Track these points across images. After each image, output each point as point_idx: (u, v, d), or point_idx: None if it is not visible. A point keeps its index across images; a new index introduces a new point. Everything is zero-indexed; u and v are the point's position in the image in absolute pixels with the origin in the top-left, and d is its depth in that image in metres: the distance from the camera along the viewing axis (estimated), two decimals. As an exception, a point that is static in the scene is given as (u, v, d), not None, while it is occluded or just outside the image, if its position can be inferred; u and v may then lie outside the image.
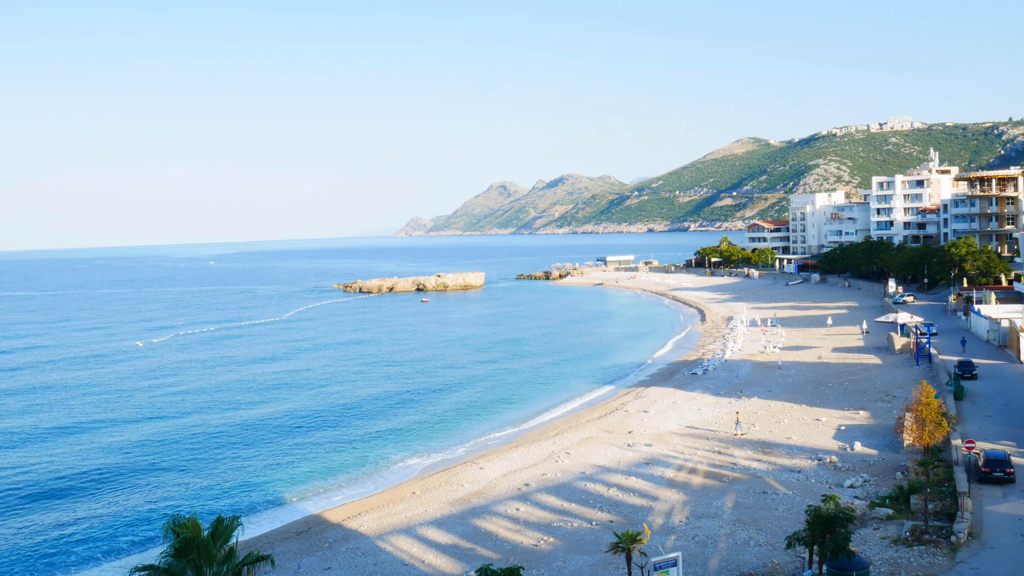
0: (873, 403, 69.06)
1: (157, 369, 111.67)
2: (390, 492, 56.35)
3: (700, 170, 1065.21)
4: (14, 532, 51.74)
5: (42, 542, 50.07)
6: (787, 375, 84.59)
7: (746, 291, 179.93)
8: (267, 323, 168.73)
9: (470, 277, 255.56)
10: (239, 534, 28.31)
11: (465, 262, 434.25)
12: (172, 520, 27.37)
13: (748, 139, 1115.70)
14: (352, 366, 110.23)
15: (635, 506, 48.03)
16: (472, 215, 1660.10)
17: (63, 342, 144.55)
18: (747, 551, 39.77)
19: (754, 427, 64.19)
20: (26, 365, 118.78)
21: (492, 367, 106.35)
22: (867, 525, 41.35)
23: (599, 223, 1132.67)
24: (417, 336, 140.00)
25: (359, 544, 45.32)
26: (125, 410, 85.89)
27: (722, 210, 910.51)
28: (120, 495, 58.27)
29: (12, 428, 79.08)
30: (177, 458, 67.08)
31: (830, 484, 49.17)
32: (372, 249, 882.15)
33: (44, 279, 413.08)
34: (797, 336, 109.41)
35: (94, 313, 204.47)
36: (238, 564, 27.09)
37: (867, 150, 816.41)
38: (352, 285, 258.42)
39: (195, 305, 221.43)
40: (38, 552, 48.66)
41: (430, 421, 78.23)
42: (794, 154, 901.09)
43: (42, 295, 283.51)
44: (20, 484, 61.17)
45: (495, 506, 49.90)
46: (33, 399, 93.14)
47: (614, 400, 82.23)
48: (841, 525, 31.97)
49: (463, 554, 42.57)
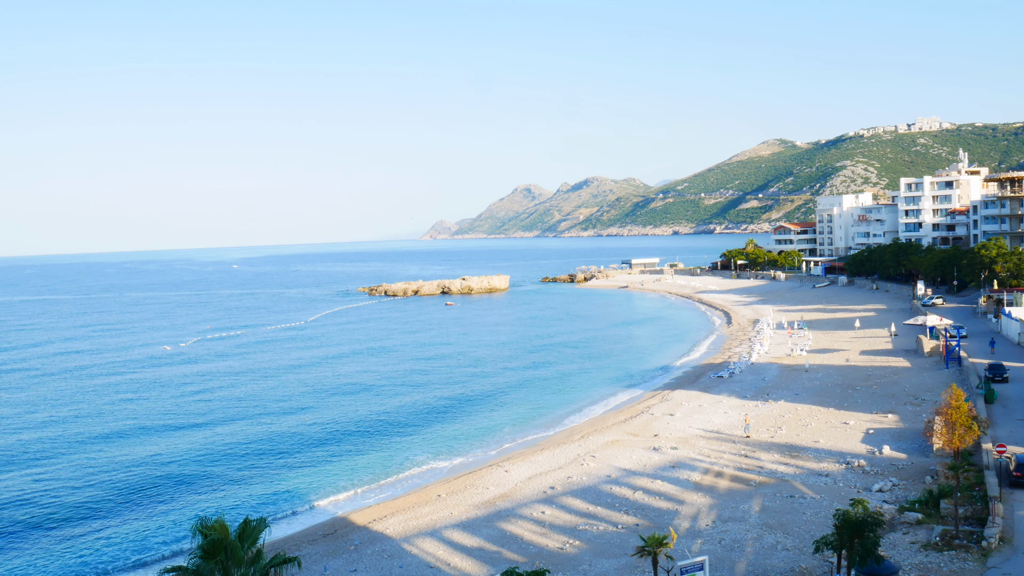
0: (902, 406, 68.36)
1: (184, 372, 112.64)
2: (415, 495, 56.47)
3: (726, 172, 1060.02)
4: (46, 534, 52.36)
5: (72, 543, 50.67)
6: (814, 378, 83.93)
7: (772, 294, 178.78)
8: (293, 326, 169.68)
9: (495, 280, 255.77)
10: (266, 536, 28.46)
11: (490, 265, 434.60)
12: (200, 522, 27.53)
13: (774, 140, 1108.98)
14: (376, 369, 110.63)
15: (661, 510, 47.84)
16: (497, 218, 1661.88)
17: (91, 346, 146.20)
18: (774, 555, 39.49)
19: (781, 430, 63.76)
20: (55, 369, 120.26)
21: (517, 370, 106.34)
22: (896, 530, 40.93)
23: (624, 226, 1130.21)
24: (442, 339, 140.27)
25: (385, 546, 45.47)
26: (152, 413, 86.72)
27: (748, 212, 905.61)
28: (147, 497, 58.82)
29: (42, 431, 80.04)
30: (204, 460, 67.61)
31: (858, 488, 48.72)
32: (397, 252, 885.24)
33: (73, 283, 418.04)
34: (824, 339, 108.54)
35: (121, 317, 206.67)
36: (265, 566, 27.24)
37: (895, 151, 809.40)
38: (377, 288, 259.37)
39: (222, 308, 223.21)
40: (69, 553, 49.22)
41: (455, 424, 78.35)
42: (821, 155, 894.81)
43: (71, 299, 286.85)
44: (50, 486, 61.91)
45: (520, 509, 49.89)
46: (60, 402, 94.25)
47: (639, 403, 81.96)
48: (870, 529, 31.67)
49: (489, 557, 42.59)
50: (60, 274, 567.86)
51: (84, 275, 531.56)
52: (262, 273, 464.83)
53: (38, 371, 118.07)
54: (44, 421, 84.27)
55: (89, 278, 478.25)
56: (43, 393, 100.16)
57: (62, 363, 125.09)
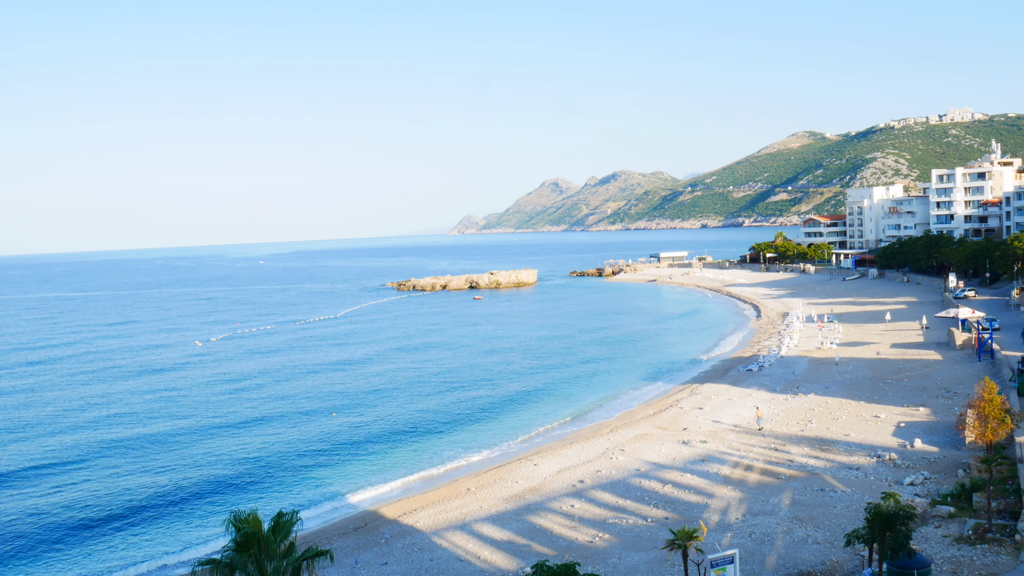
0: (934, 400, 67.75)
1: (215, 368, 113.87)
2: (445, 488, 56.80)
3: (754, 165, 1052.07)
4: (82, 526, 53.27)
5: (108, 538, 51.53)
6: (844, 371, 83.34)
7: (802, 287, 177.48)
8: (322, 321, 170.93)
9: (523, 274, 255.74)
10: (298, 529, 28.80)
11: (518, 259, 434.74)
12: (233, 515, 27.92)
13: (803, 133, 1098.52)
14: (405, 364, 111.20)
15: (690, 503, 47.82)
16: (524, 212, 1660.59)
17: (124, 342, 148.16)
18: (805, 549, 39.38)
19: (811, 424, 63.44)
20: (88, 365, 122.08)
21: (545, 364, 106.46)
22: (928, 523, 40.65)
23: (652, 219, 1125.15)
24: (471, 334, 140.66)
25: (415, 540, 45.82)
26: (183, 409, 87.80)
27: (777, 205, 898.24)
28: (180, 490, 59.62)
29: (75, 427, 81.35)
30: (235, 454, 68.38)
31: (889, 482, 48.40)
32: (424, 247, 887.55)
33: (104, 280, 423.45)
34: (854, 332, 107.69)
35: (153, 313, 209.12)
36: (298, 559, 27.60)
37: (926, 142, 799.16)
38: (406, 283, 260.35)
39: (252, 304, 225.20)
40: (105, 547, 50.08)
41: (484, 418, 78.66)
42: (851, 147, 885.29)
43: (102, 295, 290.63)
44: (84, 482, 62.94)
45: (550, 503, 50.06)
46: (93, 398, 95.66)
47: (668, 397, 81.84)
48: (902, 523, 31.48)
49: (518, 550, 42.81)
50: (91, 271, 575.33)
51: (115, 272, 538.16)
52: (291, 269, 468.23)
53: (72, 367, 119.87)
54: (77, 417, 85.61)
55: (120, 274, 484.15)
56: (76, 389, 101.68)
57: (95, 359, 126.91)
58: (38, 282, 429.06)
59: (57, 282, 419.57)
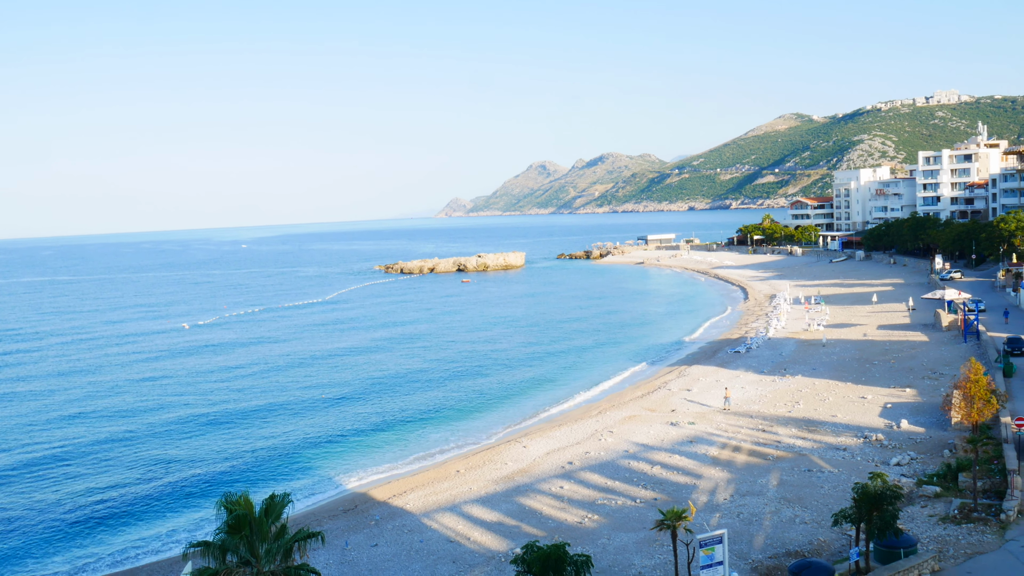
0: (920, 381, 68.20)
1: (202, 351, 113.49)
2: (435, 470, 56.92)
3: (742, 147, 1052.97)
4: (69, 509, 53.15)
5: (96, 519, 51.42)
6: (832, 353, 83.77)
7: (789, 269, 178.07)
8: (309, 304, 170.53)
9: (511, 257, 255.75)
10: (289, 511, 28.82)
11: (505, 242, 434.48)
12: (224, 497, 27.87)
13: (791, 115, 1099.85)
14: (394, 347, 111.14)
15: (679, 484, 48.07)
16: (512, 195, 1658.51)
17: (110, 325, 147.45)
18: (792, 529, 39.68)
19: (799, 405, 63.80)
20: (75, 347, 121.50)
21: (534, 346, 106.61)
22: (914, 503, 41.00)
23: (639, 202, 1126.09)
24: (458, 316, 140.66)
25: (405, 521, 45.93)
26: (171, 391, 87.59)
27: (764, 187, 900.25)
28: (170, 473, 59.54)
29: (62, 410, 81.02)
30: (224, 437, 68.32)
31: (876, 462, 48.76)
32: (412, 230, 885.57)
33: (91, 263, 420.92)
34: (842, 314, 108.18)
35: (140, 296, 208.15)
36: (289, 540, 27.59)
37: (913, 125, 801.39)
38: (393, 266, 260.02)
39: (239, 287, 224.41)
40: (93, 528, 49.99)
41: (473, 400, 78.76)
42: (838, 130, 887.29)
43: (89, 279, 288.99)
44: (72, 466, 62.75)
45: (539, 484, 50.24)
46: (80, 381, 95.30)
47: (656, 379, 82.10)
48: (889, 503, 31.73)
49: (508, 531, 42.98)
50: (78, 255, 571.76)
51: (102, 255, 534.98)
52: (278, 252, 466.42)
53: (58, 350, 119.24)
54: (63, 400, 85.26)
55: (107, 258, 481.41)
56: (62, 372, 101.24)
57: (81, 342, 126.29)
58: (24, 266, 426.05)
59: (43, 266, 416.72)
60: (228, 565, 26.56)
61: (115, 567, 44.88)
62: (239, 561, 26.83)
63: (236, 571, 26.28)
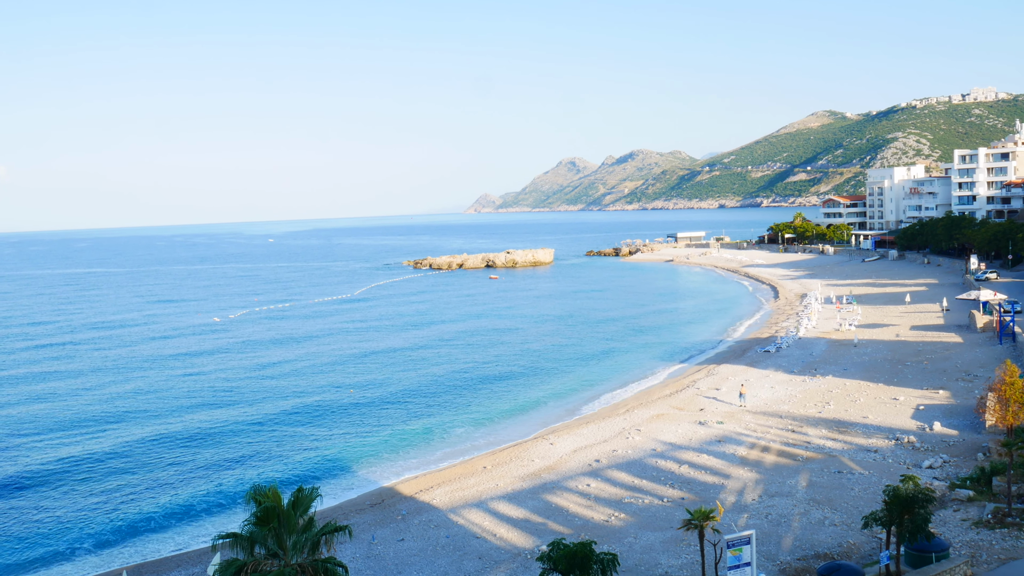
0: (954, 382, 67.27)
1: (233, 344, 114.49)
2: (461, 466, 56.97)
3: (773, 144, 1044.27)
4: (100, 499, 53.78)
5: (126, 509, 51.98)
6: (863, 353, 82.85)
7: (820, 268, 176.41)
8: (339, 299, 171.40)
9: (539, 254, 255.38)
10: (317, 505, 28.93)
11: (534, 239, 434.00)
12: (253, 489, 28.01)
13: (823, 112, 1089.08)
14: (421, 342, 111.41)
15: (707, 484, 47.76)
16: (541, 192, 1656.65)
17: (143, 317, 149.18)
18: (822, 531, 39.27)
19: (829, 405, 63.17)
20: (109, 340, 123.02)
21: (561, 344, 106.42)
22: (947, 507, 40.42)
23: (669, 199, 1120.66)
24: (486, 312, 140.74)
25: (432, 516, 46.01)
26: (201, 385, 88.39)
27: (796, 185, 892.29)
28: (198, 465, 60.06)
29: (93, 402, 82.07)
30: (252, 430, 68.81)
31: (908, 464, 48.15)
32: (441, 226, 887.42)
33: (127, 256, 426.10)
34: (874, 314, 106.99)
35: (172, 289, 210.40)
36: (317, 533, 27.70)
37: (948, 122, 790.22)
38: (422, 262, 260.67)
39: (269, 281, 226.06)
40: (123, 518, 50.53)
41: (499, 396, 78.76)
42: (871, 127, 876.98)
43: (122, 271, 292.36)
44: (104, 457, 63.51)
45: (566, 481, 50.13)
46: (112, 374, 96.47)
47: (685, 377, 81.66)
48: (921, 506, 31.26)
49: (534, 528, 42.91)
50: (112, 247, 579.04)
51: (135, 248, 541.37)
52: (307, 247, 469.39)
53: (90, 343, 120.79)
54: (95, 393, 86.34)
55: (140, 251, 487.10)
56: (95, 365, 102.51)
57: (114, 335, 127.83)
58: (60, 258, 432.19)
59: (78, 258, 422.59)
60: (256, 557, 26.73)
61: (145, 556, 45.32)
62: (267, 553, 27.00)
63: (264, 563, 26.43)
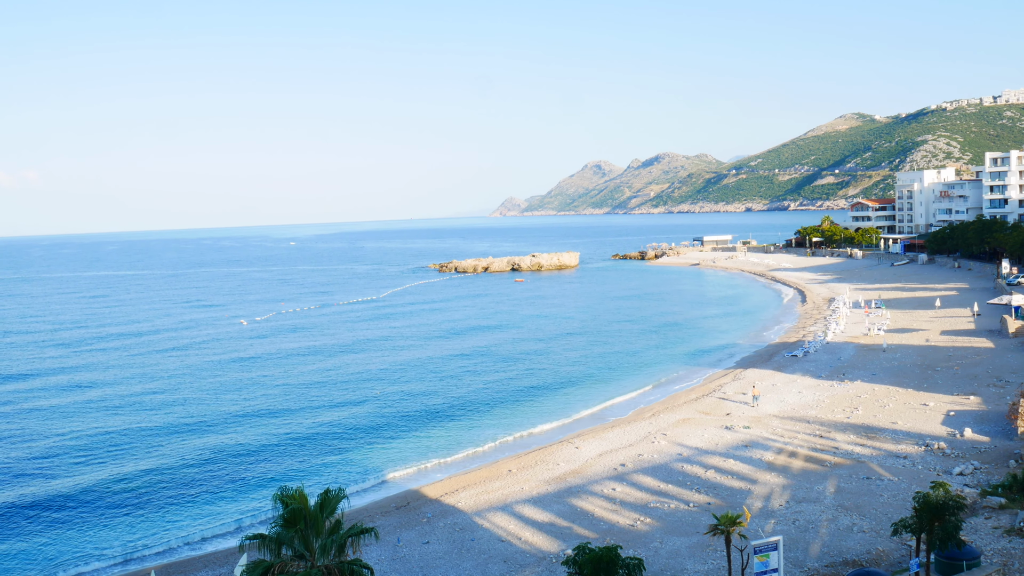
0: (985, 388, 66.44)
1: (259, 347, 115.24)
2: (486, 469, 57.00)
3: (800, 147, 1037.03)
4: (127, 498, 54.30)
5: (154, 509, 52.47)
6: (892, 358, 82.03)
7: (849, 272, 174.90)
8: (364, 302, 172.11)
9: (565, 257, 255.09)
10: (343, 507, 29.06)
11: (560, 242, 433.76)
12: (280, 491, 28.21)
13: (852, 115, 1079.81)
14: (447, 345, 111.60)
15: (733, 489, 47.46)
16: (566, 195, 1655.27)
17: (171, 320, 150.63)
18: (850, 537, 38.90)
19: (857, 411, 62.58)
20: (137, 342, 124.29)
21: (587, 347, 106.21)
22: (978, 514, 39.92)
23: (695, 202, 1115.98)
24: (511, 316, 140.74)
25: (457, 519, 46.06)
26: (228, 386, 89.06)
27: (823, 189, 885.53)
28: (226, 466, 60.51)
29: (120, 401, 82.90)
30: (279, 432, 69.18)
31: (938, 471, 47.61)
32: (467, 229, 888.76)
33: (156, 259, 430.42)
34: (903, 318, 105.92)
35: (201, 291, 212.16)
36: (343, 535, 27.85)
37: (979, 124, 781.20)
38: (447, 265, 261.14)
39: (295, 284, 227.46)
40: (150, 518, 51.01)
41: (525, 400, 78.70)
42: (900, 130, 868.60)
43: (153, 274, 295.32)
44: (129, 454, 64.15)
45: (591, 485, 50.01)
46: (142, 374, 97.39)
47: (711, 382, 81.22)
48: (951, 513, 30.91)
49: (560, 532, 42.84)
50: (142, 250, 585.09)
51: (165, 251, 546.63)
52: (333, 250, 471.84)
53: (120, 344, 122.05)
54: (123, 393, 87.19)
55: (169, 254, 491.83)
56: (124, 366, 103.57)
57: (143, 336, 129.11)
58: (90, 261, 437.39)
59: (108, 261, 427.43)
60: (283, 558, 26.92)
61: (172, 556, 45.74)
62: (294, 555, 27.18)
63: (291, 564, 26.61)
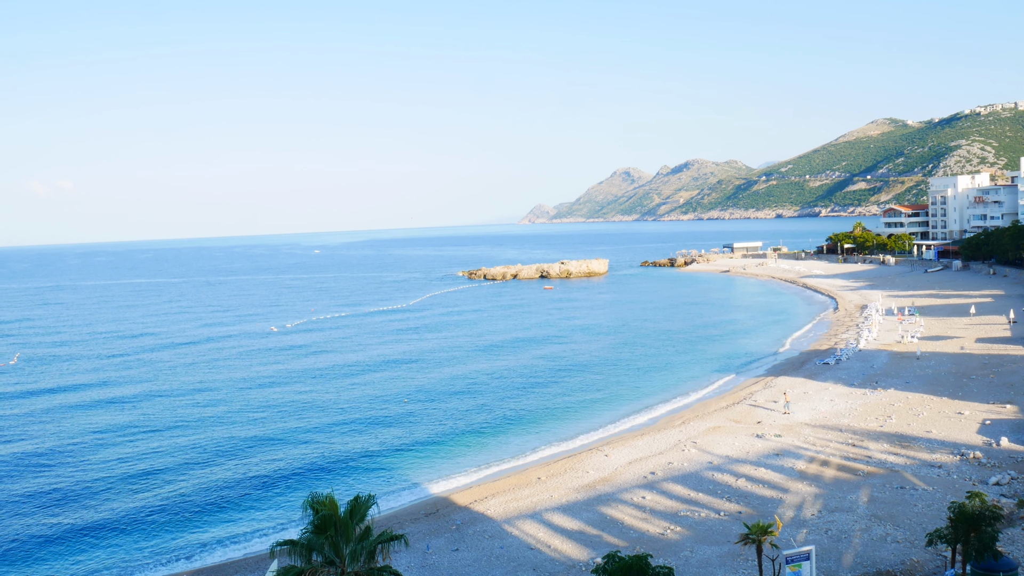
0: (1022, 397, 65.39)
1: (290, 354, 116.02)
2: (516, 477, 56.94)
3: (832, 153, 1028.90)
4: (158, 504, 54.84)
5: (185, 514, 52.93)
6: (926, 366, 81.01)
7: (881, 278, 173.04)
8: (394, 309, 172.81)
9: (594, 264, 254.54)
10: (373, 513, 29.16)
11: (589, 249, 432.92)
12: (311, 497, 28.38)
13: (884, 120, 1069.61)
14: (476, 352, 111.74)
15: (764, 498, 47.06)
16: (595, 202, 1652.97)
17: (202, 327, 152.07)
18: (883, 547, 38.43)
19: (891, 419, 61.86)
20: (168, 348, 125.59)
21: (616, 354, 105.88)
22: (1015, 525, 39.32)
23: (725, 209, 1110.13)
24: (541, 323, 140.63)
25: (486, 527, 46.05)
26: (258, 393, 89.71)
27: (855, 194, 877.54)
28: (257, 471, 60.92)
29: (152, 410, 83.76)
30: (308, 439, 69.58)
31: (974, 481, 46.91)
32: (496, 236, 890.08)
33: (188, 267, 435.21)
34: (937, 325, 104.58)
35: (232, 298, 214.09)
36: (373, 542, 27.94)
37: (1015, 129, 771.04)
38: (476, 272, 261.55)
39: (324, 291, 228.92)
40: (181, 524, 51.47)
41: (555, 407, 78.58)
42: (934, 135, 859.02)
43: (186, 281, 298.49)
44: (164, 460, 64.78)
45: (621, 494, 49.80)
46: (172, 380, 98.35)
47: (742, 389, 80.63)
48: (987, 524, 30.49)
49: (589, 540, 42.70)
50: (175, 258, 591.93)
51: (197, 259, 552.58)
52: (362, 257, 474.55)
53: (152, 351, 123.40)
54: (154, 401, 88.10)
55: (201, 261, 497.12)
56: (155, 372, 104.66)
57: (175, 344, 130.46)
58: (124, 268, 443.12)
59: (142, 268, 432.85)
60: (313, 564, 27.06)
61: (203, 561, 46.12)
62: (324, 561, 27.31)
63: (321, 571, 26.74)
